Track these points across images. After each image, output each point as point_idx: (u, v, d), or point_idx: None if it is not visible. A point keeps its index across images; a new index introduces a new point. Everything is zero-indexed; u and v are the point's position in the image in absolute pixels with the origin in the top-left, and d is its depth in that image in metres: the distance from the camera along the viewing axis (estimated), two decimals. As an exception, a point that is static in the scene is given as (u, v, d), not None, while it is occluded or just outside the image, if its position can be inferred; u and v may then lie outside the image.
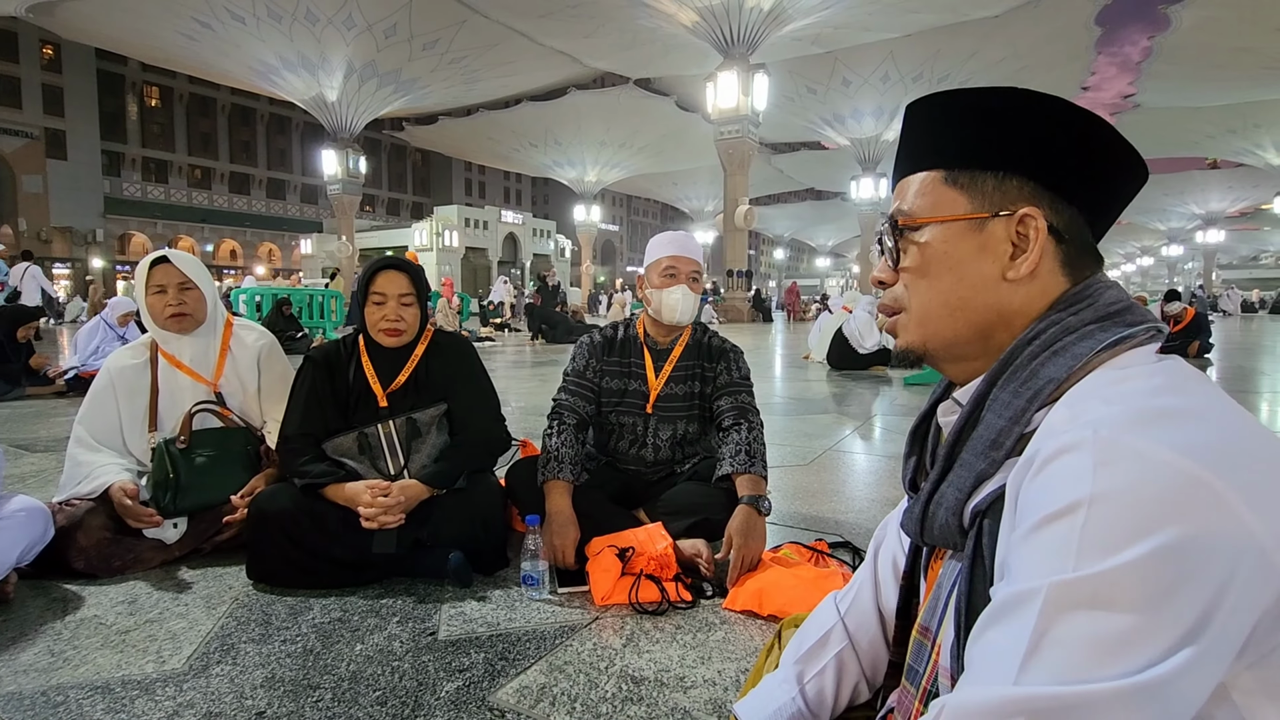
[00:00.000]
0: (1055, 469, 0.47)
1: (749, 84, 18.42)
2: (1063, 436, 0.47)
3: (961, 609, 0.56)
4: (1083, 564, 0.43)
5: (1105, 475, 0.44)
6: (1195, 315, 8.54)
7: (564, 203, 49.81)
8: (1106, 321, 0.55)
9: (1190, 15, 20.66)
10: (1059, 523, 0.44)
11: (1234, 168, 36.43)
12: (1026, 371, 0.55)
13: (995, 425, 0.56)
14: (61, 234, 34.73)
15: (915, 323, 0.65)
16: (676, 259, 1.97)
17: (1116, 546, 0.42)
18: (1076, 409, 0.50)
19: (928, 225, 0.63)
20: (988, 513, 0.55)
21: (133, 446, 2.02)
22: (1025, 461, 0.50)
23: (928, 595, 0.67)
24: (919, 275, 0.64)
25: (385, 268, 1.90)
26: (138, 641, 1.47)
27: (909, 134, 0.67)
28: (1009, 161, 0.60)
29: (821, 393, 5.64)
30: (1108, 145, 0.59)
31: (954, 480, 0.58)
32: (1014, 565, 0.47)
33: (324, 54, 21.79)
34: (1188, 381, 0.51)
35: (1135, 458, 0.44)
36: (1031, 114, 0.59)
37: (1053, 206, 0.59)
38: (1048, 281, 0.59)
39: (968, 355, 0.63)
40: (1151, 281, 57.98)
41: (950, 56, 22.48)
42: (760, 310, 20.97)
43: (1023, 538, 0.47)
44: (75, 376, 5.34)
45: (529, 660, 1.39)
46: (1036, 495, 0.47)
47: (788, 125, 28.64)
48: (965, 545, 0.57)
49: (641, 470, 2.08)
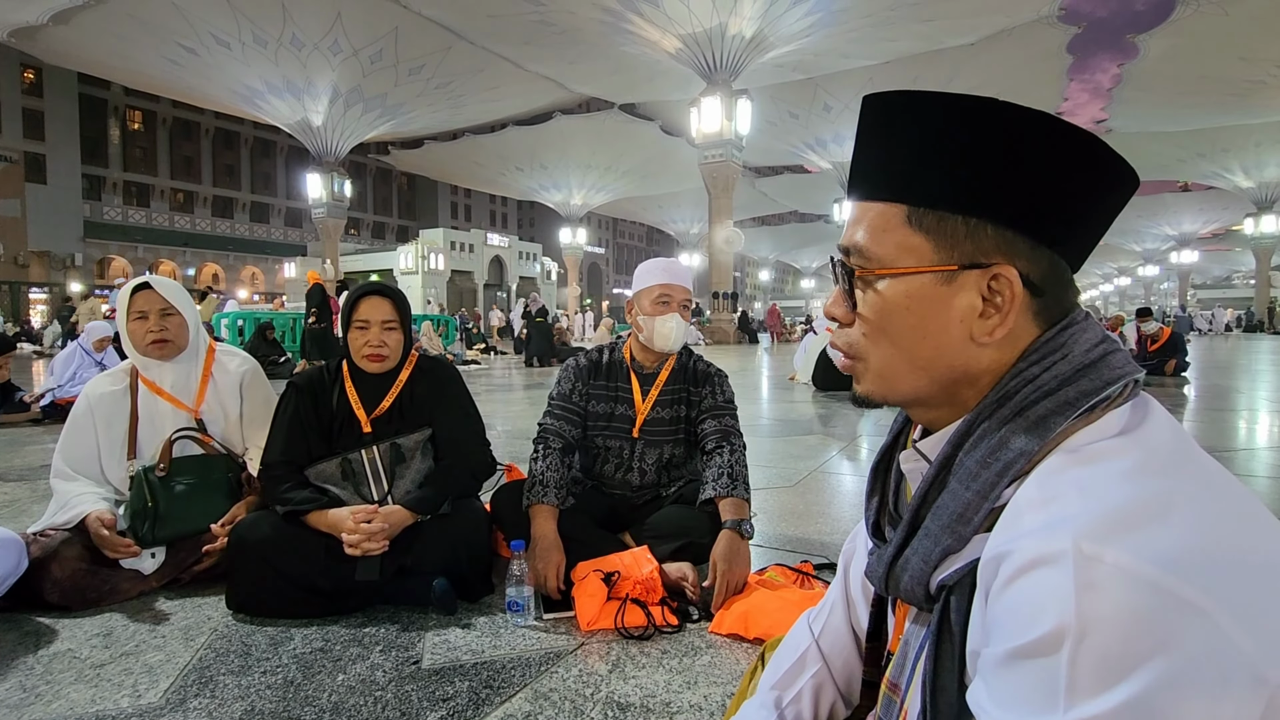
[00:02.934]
0: (1033, 585, 0.44)
1: (732, 109, 18.74)
2: (1037, 543, 0.44)
3: (927, 684, 0.54)
4: (1073, 706, 0.40)
5: (1089, 601, 0.41)
6: (1171, 335, 8.70)
7: (550, 226, 50.00)
8: (1081, 380, 0.51)
9: (1157, 44, 21.35)
10: (1044, 659, 0.42)
11: (1205, 190, 37.39)
12: (995, 439, 0.52)
13: (962, 498, 0.52)
14: (39, 258, 34.30)
15: (874, 375, 0.60)
16: (670, 287, 1.98)
17: (1107, 684, 0.40)
18: (1049, 493, 0.47)
19: (887, 275, 0.57)
20: (954, 589, 0.52)
21: (110, 475, 1.99)
22: (995, 556, 0.47)
23: (897, 634, 0.65)
24: (878, 330, 0.58)
25: (369, 294, 1.89)
26: (113, 675, 1.44)
27: (866, 141, 0.58)
28: (982, 207, 0.53)
29: (807, 414, 5.67)
30: (1096, 169, 0.53)
31: (919, 549, 0.55)
32: (996, 692, 0.45)
33: (309, 79, 21.89)
34: (1165, 459, 0.48)
35: (1119, 579, 0.41)
36: (1008, 149, 0.52)
37: (1030, 256, 0.53)
38: (1019, 334, 0.54)
39: (933, 404, 0.59)
40: (1128, 302, 59.00)
41: (928, 82, 22.95)
42: (746, 332, 21.08)
43: (1002, 664, 0.45)
44: (52, 403, 5.25)
45: (514, 688, 1.37)
46: (1013, 608, 0.44)
47: (771, 149, 29.10)
48: (931, 614, 0.55)
49: (627, 494, 2.07)
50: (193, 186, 42.98)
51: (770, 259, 61.52)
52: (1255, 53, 20.67)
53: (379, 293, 1.90)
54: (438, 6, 19.41)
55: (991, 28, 20.33)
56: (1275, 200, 31.10)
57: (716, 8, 17.25)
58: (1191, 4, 19.15)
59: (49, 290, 34.64)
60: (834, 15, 18.36)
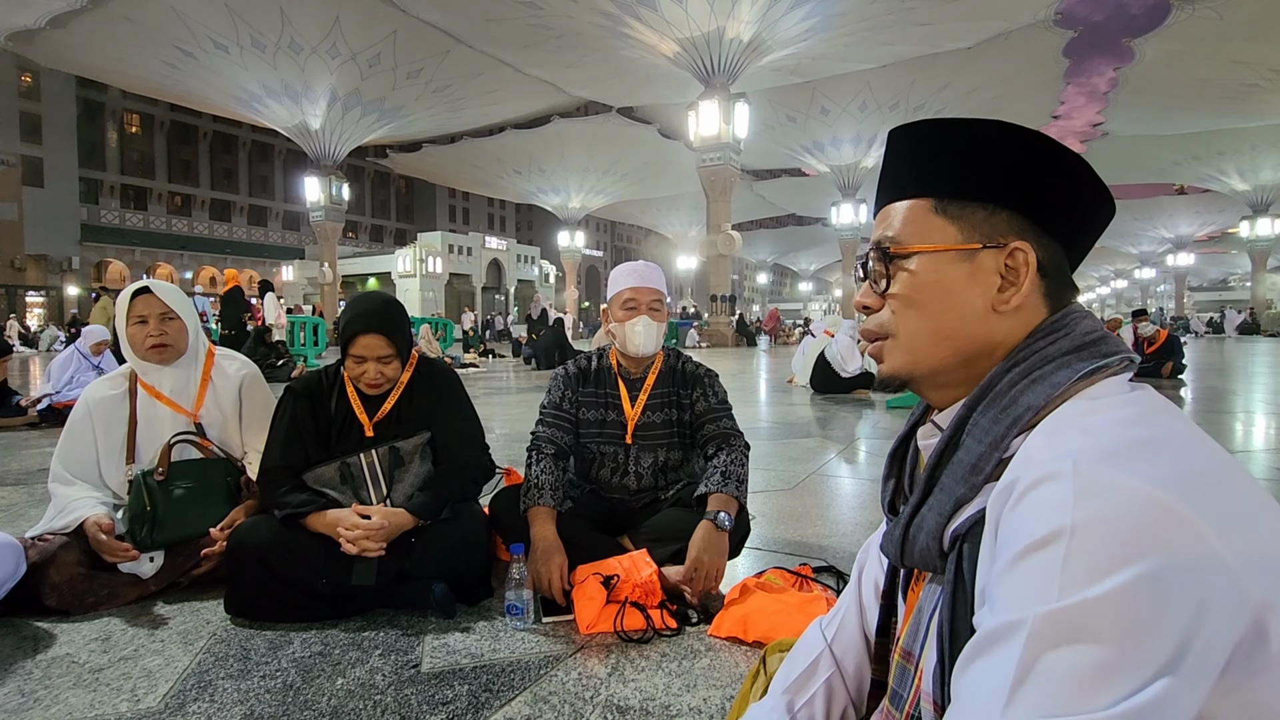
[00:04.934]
0: (1036, 498, 0.48)
1: (730, 113, 18.75)
2: (1042, 466, 0.49)
3: (944, 634, 0.57)
4: (1066, 593, 0.44)
5: (1085, 506, 0.45)
6: (1168, 337, 8.74)
7: (548, 229, 50.01)
8: (1082, 351, 0.57)
9: (1153, 48, 21.41)
10: (1042, 552, 0.46)
11: (1201, 193, 37.49)
12: (1006, 399, 0.57)
13: (975, 450, 0.57)
14: (36, 262, 34.23)
15: (902, 349, 0.66)
16: (636, 290, 1.98)
17: (1098, 575, 0.43)
18: (1054, 437, 0.52)
19: (918, 253, 0.64)
20: (967, 536, 0.56)
21: (109, 479, 1.98)
22: (1004, 488, 0.51)
23: (908, 617, 0.67)
24: (908, 303, 0.65)
25: (364, 331, 1.81)
26: (111, 680, 1.44)
27: (894, 160, 0.67)
28: (999, 195, 0.62)
29: (805, 417, 5.67)
30: (1087, 182, 0.61)
31: (934, 504, 0.60)
32: (998, 595, 0.48)
33: (308, 82, 21.89)
34: (1158, 413, 0.53)
35: (1113, 489, 0.45)
36: (1020, 151, 0.61)
37: (1039, 241, 0.61)
38: (1030, 312, 0.61)
39: (951, 382, 0.65)
40: (1125, 304, 59.21)
41: (925, 86, 23.08)
42: (744, 335, 21.09)
43: (1006, 567, 0.48)
44: (49, 407, 5.24)
45: (514, 691, 1.37)
46: (1017, 523, 0.48)
47: (769, 152, 29.13)
48: (946, 569, 0.58)
49: (625, 498, 2.08)
50: (190, 190, 42.93)
51: (768, 262, 61.58)
52: (1250, 57, 20.74)
53: (374, 330, 1.81)
54: (436, 10, 19.42)
55: (988, 32, 20.38)
56: (1270, 203, 31.21)
57: (714, 12, 17.28)
58: (1187, 9, 19.21)
59: (46, 294, 34.58)
60: (831, 19, 18.41)
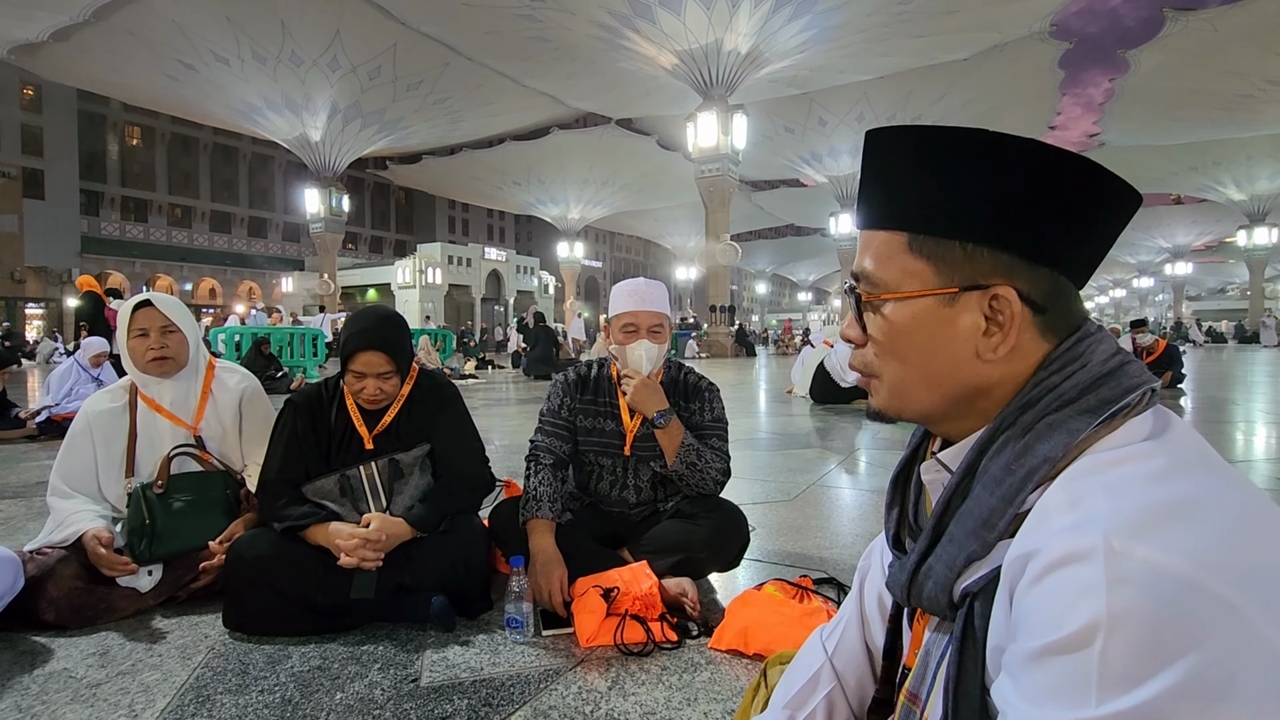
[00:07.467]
0: (1062, 581, 0.43)
1: (728, 124, 18.89)
2: (1067, 539, 0.44)
3: (950, 690, 0.54)
4: (1105, 701, 0.40)
5: (1118, 595, 0.41)
6: (1167, 347, 8.79)
7: (547, 239, 50.16)
8: (1101, 386, 0.52)
9: (1148, 59, 21.62)
10: (1075, 654, 0.41)
11: (1197, 203, 37.70)
12: (1020, 445, 0.52)
13: (986, 503, 0.53)
14: (36, 274, 34.29)
15: (888, 392, 0.62)
16: (635, 314, 1.98)
17: (1139, 678, 0.39)
18: (1076, 496, 0.47)
19: (892, 300, 0.59)
20: (979, 595, 0.53)
21: (108, 492, 1.98)
22: (1022, 555, 0.47)
23: (914, 648, 0.65)
24: (888, 351, 0.61)
25: (364, 348, 1.81)
26: (109, 695, 1.43)
27: (869, 175, 0.61)
28: (974, 233, 0.55)
29: (805, 427, 5.67)
30: (1089, 189, 0.54)
31: (942, 555, 0.56)
32: (1025, 689, 0.45)
33: (308, 95, 22.04)
34: (1189, 461, 0.48)
35: (1151, 575, 0.41)
36: (998, 176, 0.54)
37: (1029, 276, 0.55)
38: (1028, 350, 0.56)
39: (947, 419, 0.61)
40: (1123, 314, 59.34)
41: (922, 97, 23.24)
42: (743, 345, 21.10)
43: (1033, 659, 0.44)
44: (48, 419, 5.23)
45: (513, 705, 1.37)
46: (1041, 607, 0.44)
47: (767, 163, 29.30)
48: (955, 621, 0.55)
49: (625, 511, 2.07)
50: (191, 201, 43.09)
51: (767, 272, 61.73)
52: (1244, 68, 20.94)
53: (374, 347, 1.81)
54: (436, 23, 19.58)
55: (984, 43, 20.57)
56: (1267, 213, 31.38)
57: (712, 24, 17.43)
58: (1181, 20, 19.41)
59: (45, 305, 34.60)
60: (828, 31, 18.56)
